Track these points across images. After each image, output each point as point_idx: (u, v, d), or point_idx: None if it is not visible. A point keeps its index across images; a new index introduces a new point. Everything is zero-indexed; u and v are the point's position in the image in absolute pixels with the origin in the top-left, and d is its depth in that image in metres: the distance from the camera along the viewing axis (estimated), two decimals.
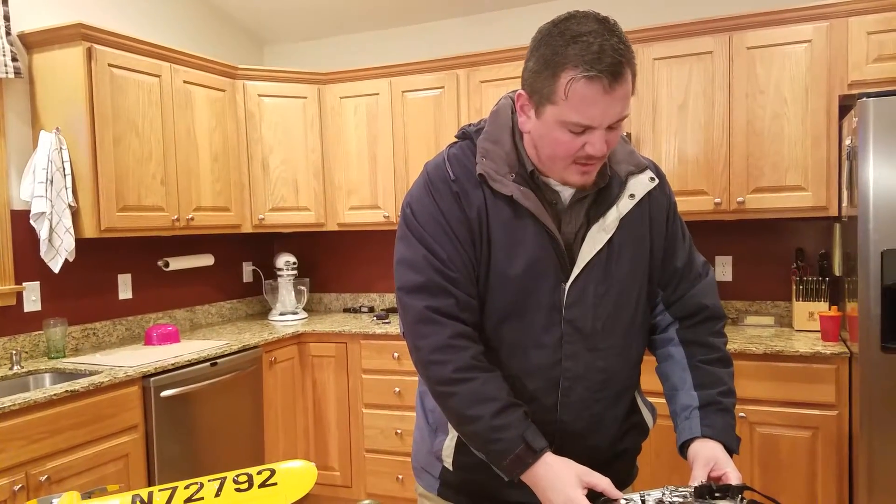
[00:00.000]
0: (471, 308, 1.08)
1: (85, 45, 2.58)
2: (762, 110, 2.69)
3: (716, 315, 1.19)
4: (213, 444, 2.73)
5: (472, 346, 1.06)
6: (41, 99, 2.68)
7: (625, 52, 0.96)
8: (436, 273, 1.07)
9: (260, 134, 3.37)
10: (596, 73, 0.94)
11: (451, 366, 1.04)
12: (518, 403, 1.04)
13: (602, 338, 1.10)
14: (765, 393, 2.46)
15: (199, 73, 3.09)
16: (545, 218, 1.07)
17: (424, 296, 1.07)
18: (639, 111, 2.87)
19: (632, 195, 1.11)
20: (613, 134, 1.02)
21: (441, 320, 1.06)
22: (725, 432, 1.09)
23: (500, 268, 1.08)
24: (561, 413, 1.10)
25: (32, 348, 2.67)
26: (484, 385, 1.03)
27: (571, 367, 1.09)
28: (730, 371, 1.16)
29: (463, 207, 1.08)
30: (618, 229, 1.10)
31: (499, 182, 1.07)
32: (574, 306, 1.08)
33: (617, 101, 0.97)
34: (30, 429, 2.03)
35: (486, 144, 1.10)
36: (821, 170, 2.62)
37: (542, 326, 1.08)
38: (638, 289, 1.14)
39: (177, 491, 0.86)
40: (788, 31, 2.63)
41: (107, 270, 3.01)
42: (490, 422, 1.01)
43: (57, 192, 2.54)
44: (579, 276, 1.08)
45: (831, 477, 2.39)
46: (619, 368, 1.13)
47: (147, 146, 2.82)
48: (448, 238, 1.08)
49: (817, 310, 2.70)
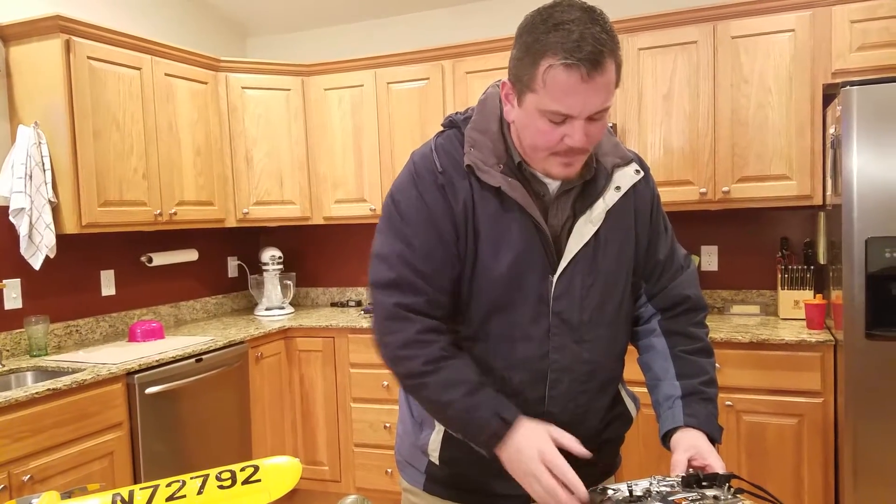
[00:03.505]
0: (441, 305, 1.08)
1: (63, 38, 2.53)
2: (746, 100, 2.69)
3: (697, 306, 1.20)
4: (200, 440, 2.70)
5: (440, 339, 1.07)
6: (19, 92, 2.63)
7: (607, 42, 0.94)
8: (408, 269, 1.06)
9: (243, 127, 3.33)
10: (574, 62, 0.92)
11: (420, 359, 1.05)
12: (487, 383, 1.06)
13: (588, 329, 1.10)
14: (751, 381, 2.47)
15: (180, 65, 3.04)
16: (533, 210, 1.06)
17: (395, 292, 1.07)
18: (624, 101, 2.87)
19: (618, 187, 1.11)
20: (595, 126, 1.00)
21: (410, 317, 1.06)
22: (708, 421, 1.09)
23: (487, 260, 1.07)
24: (548, 405, 1.10)
25: (14, 346, 2.62)
26: (452, 371, 1.05)
27: (558, 359, 1.09)
28: (711, 361, 1.18)
29: (448, 200, 1.07)
30: (604, 221, 1.10)
31: (486, 173, 1.06)
32: (561, 298, 1.08)
33: (596, 91, 0.95)
34: (12, 428, 2.00)
35: (474, 134, 1.09)
36: (805, 159, 2.63)
37: (529, 319, 1.07)
38: (623, 281, 1.14)
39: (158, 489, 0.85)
40: (772, 20, 2.64)
41: (89, 266, 2.97)
42: (463, 403, 1.03)
43: (36, 187, 2.49)
44: (567, 269, 1.08)
45: (817, 464, 2.42)
46: (604, 360, 1.14)
47: (128, 140, 2.78)
48: (429, 232, 1.07)
49: (802, 298, 2.72)
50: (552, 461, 0.96)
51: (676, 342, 1.16)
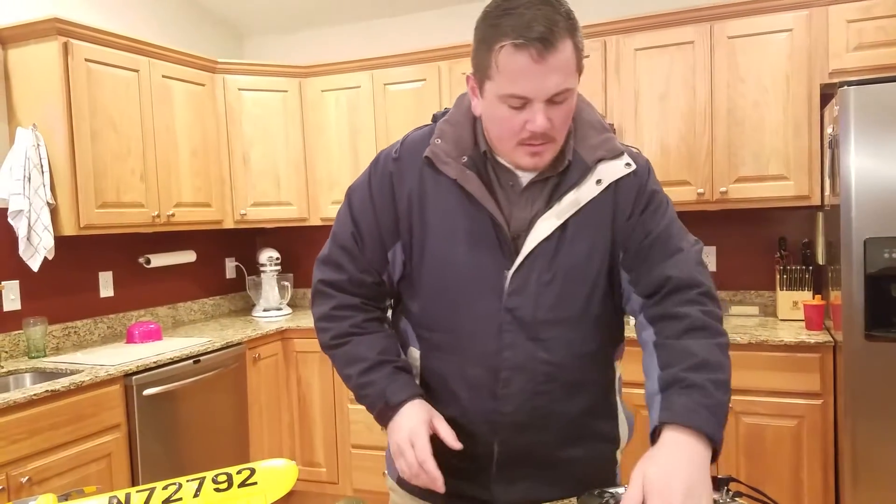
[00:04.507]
0: (365, 284, 1.13)
1: (61, 40, 2.53)
2: (743, 100, 2.70)
3: (684, 284, 1.01)
4: (197, 442, 2.70)
5: (354, 316, 1.11)
6: (17, 95, 2.62)
7: (560, 22, 0.92)
8: (337, 248, 1.14)
9: (240, 128, 3.33)
10: (523, 42, 0.91)
11: (330, 333, 1.12)
12: (388, 361, 1.08)
13: (545, 328, 1.04)
14: (750, 383, 2.47)
15: (177, 67, 3.04)
16: (488, 202, 1.04)
17: (323, 268, 1.15)
18: (621, 101, 2.87)
19: (599, 181, 1.06)
20: (558, 110, 0.97)
21: (329, 292, 1.13)
22: (688, 413, 0.88)
23: (439, 252, 1.07)
24: (501, 403, 1.06)
25: (12, 348, 2.62)
26: (355, 347, 1.09)
27: (511, 356, 1.04)
28: (707, 342, 0.97)
29: (393, 188, 1.09)
30: (575, 216, 1.04)
31: (446, 164, 1.06)
32: (515, 294, 1.04)
33: (550, 72, 0.93)
34: (10, 429, 1.99)
35: (445, 126, 1.09)
36: (803, 159, 2.63)
37: (482, 314, 1.05)
38: (591, 280, 1.05)
39: (155, 492, 0.85)
40: (769, 19, 2.64)
41: (87, 268, 2.96)
42: (357, 380, 1.08)
43: (35, 189, 2.49)
44: (523, 263, 1.04)
45: (817, 465, 2.42)
46: (566, 362, 1.06)
47: (125, 142, 2.77)
48: (365, 214, 1.11)
49: (801, 299, 2.72)
50: (417, 442, 0.98)
51: (662, 328, 1.00)
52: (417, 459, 0.98)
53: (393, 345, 1.12)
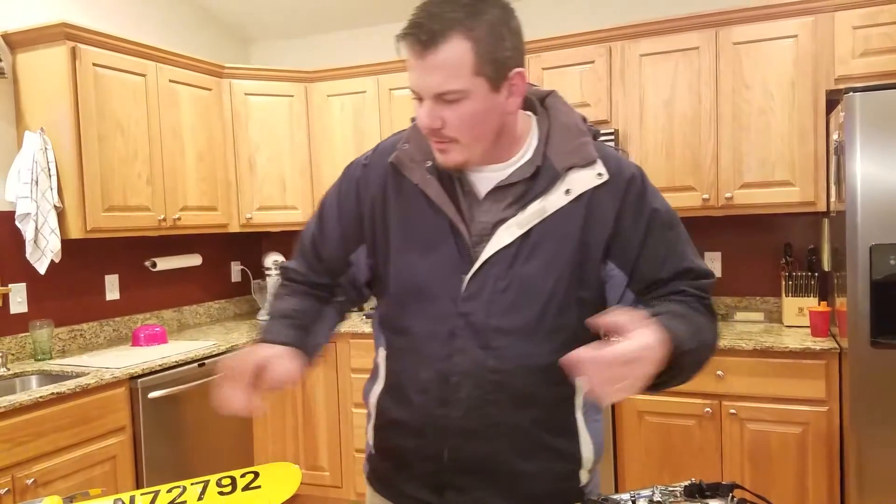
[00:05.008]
0: (315, 282, 1.17)
1: (69, 45, 2.55)
2: (748, 105, 2.69)
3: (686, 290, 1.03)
4: (202, 445, 2.71)
5: (292, 285, 1.18)
6: (25, 99, 2.64)
7: (454, 21, 0.90)
8: (300, 251, 1.20)
9: (246, 133, 3.35)
10: (405, 38, 0.93)
11: (273, 303, 1.18)
12: (291, 316, 1.12)
13: (496, 336, 1.02)
14: (755, 389, 2.46)
15: (184, 71, 3.06)
16: (448, 207, 1.04)
17: (293, 256, 1.21)
18: (625, 107, 2.87)
19: (568, 191, 1.02)
20: (451, 110, 0.95)
21: (285, 279, 1.21)
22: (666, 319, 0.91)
23: (400, 255, 1.08)
24: (451, 409, 1.04)
25: (19, 350, 2.63)
26: (280, 303, 1.16)
27: (460, 362, 1.03)
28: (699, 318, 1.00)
29: (359, 193, 1.12)
30: (539, 225, 1.01)
31: (410, 169, 1.07)
32: (470, 300, 1.03)
33: (430, 70, 0.92)
34: (16, 431, 2.01)
35: (413, 130, 1.09)
36: (808, 165, 2.63)
37: (437, 317, 1.05)
38: (550, 290, 1.02)
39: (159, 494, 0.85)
40: (774, 26, 2.64)
41: (93, 271, 2.98)
42: (262, 330, 1.13)
43: (42, 192, 2.51)
44: (480, 270, 1.02)
45: (822, 473, 2.40)
46: (515, 373, 1.02)
47: (132, 146, 2.79)
48: (332, 219, 1.15)
49: (807, 305, 2.71)
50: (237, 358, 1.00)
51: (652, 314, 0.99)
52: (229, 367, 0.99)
53: (312, 308, 1.15)
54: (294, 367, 1.03)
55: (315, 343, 1.14)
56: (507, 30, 0.97)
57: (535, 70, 3.00)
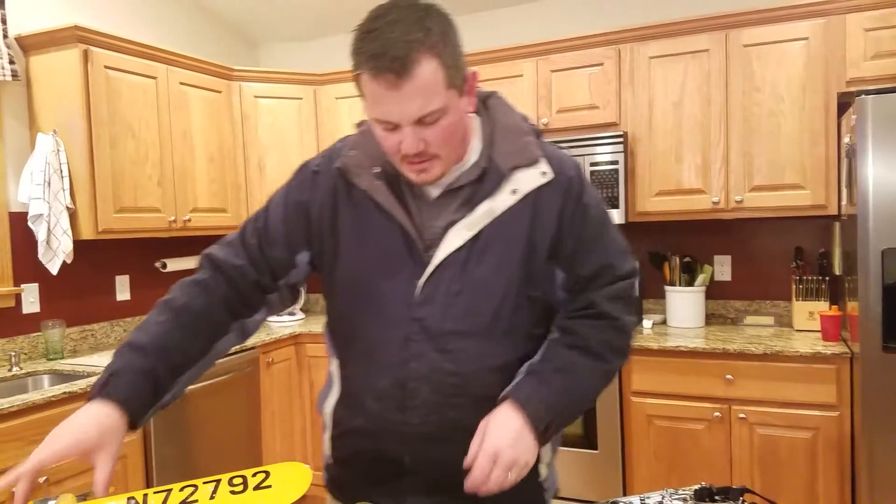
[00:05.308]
0: (247, 278, 1.10)
1: (81, 48, 2.57)
2: (759, 108, 2.68)
3: (604, 314, 1.07)
4: (211, 445, 2.72)
5: (197, 299, 1.07)
6: (38, 101, 2.67)
7: (418, 43, 0.89)
8: (240, 236, 1.14)
9: (255, 135, 3.36)
10: (375, 69, 0.90)
11: (168, 296, 1.09)
12: (154, 356, 1.01)
13: (452, 339, 1.02)
14: (764, 393, 2.45)
15: (194, 74, 3.08)
16: (398, 213, 1.04)
17: (218, 245, 1.14)
18: (634, 109, 2.86)
19: (514, 190, 1.03)
20: (431, 130, 0.95)
21: (205, 266, 1.12)
22: (524, 398, 0.98)
23: (350, 262, 1.07)
24: (409, 414, 1.04)
25: (31, 350, 2.66)
26: (155, 323, 1.05)
27: (417, 367, 1.03)
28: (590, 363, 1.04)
29: (307, 195, 1.10)
30: (488, 226, 1.02)
31: (358, 175, 1.06)
32: (424, 305, 1.02)
33: (409, 97, 0.91)
34: (28, 430, 2.02)
35: (358, 137, 1.10)
36: (819, 168, 2.61)
37: (390, 324, 1.04)
38: (503, 290, 1.03)
39: (171, 493, 0.86)
40: (785, 28, 2.63)
41: (104, 272, 3.00)
42: (122, 346, 1.03)
43: (54, 193, 2.53)
44: (433, 274, 1.02)
45: (833, 479, 2.38)
46: (473, 375, 1.03)
47: (143, 148, 2.81)
48: (278, 219, 1.12)
49: (817, 309, 2.69)
50: (37, 456, 0.90)
51: (563, 336, 1.07)
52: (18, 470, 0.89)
53: (184, 352, 1.05)
54: (103, 477, 0.92)
55: (164, 402, 1.05)
56: (454, 33, 0.97)
57: (543, 72, 3.00)
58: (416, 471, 1.05)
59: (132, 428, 0.98)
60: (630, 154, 2.87)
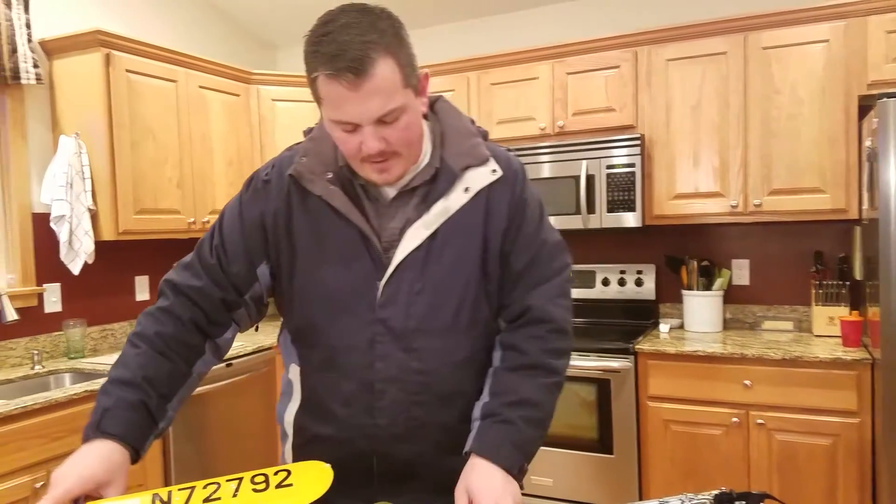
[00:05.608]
0: (211, 298, 1.10)
1: (103, 52, 2.62)
2: (778, 111, 2.66)
3: (540, 318, 1.08)
4: (229, 444, 2.74)
5: (166, 327, 1.07)
6: (61, 104, 2.72)
7: (374, 44, 0.91)
8: (198, 257, 1.12)
9: (273, 138, 3.39)
10: (333, 71, 0.91)
11: (137, 329, 1.08)
12: (142, 389, 1.00)
13: (416, 338, 1.04)
14: (783, 399, 2.42)
15: (213, 78, 3.12)
16: (355, 216, 1.04)
17: (175, 270, 1.13)
18: (652, 112, 2.85)
19: (467, 189, 1.06)
20: (392, 129, 0.96)
21: (167, 293, 1.11)
22: (493, 448, 0.99)
23: (309, 269, 1.07)
24: (377, 416, 1.05)
25: (53, 348, 2.70)
26: (136, 356, 1.04)
27: (383, 368, 1.04)
28: (536, 381, 1.05)
29: (260, 206, 1.10)
30: (444, 224, 1.05)
31: (311, 181, 1.07)
32: (387, 305, 1.03)
33: (368, 97, 0.92)
34: (51, 427, 2.06)
35: (309, 144, 1.10)
36: (839, 171, 2.58)
37: (354, 327, 1.05)
38: (462, 287, 1.06)
39: (195, 491, 0.87)
40: (804, 30, 2.61)
41: (124, 272, 3.04)
42: (106, 383, 1.02)
43: (76, 195, 2.57)
44: (394, 275, 1.04)
45: (853, 486, 2.35)
46: (438, 371, 1.05)
47: (163, 150, 2.85)
48: (235, 233, 1.11)
49: (837, 314, 2.66)
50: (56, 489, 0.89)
51: (505, 357, 1.08)
52: None
53: (167, 378, 1.05)
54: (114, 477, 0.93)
55: (160, 430, 1.04)
56: (405, 35, 0.98)
57: (559, 74, 3.00)
58: (385, 472, 1.06)
59: (133, 461, 0.99)
60: (647, 157, 2.86)
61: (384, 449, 1.05)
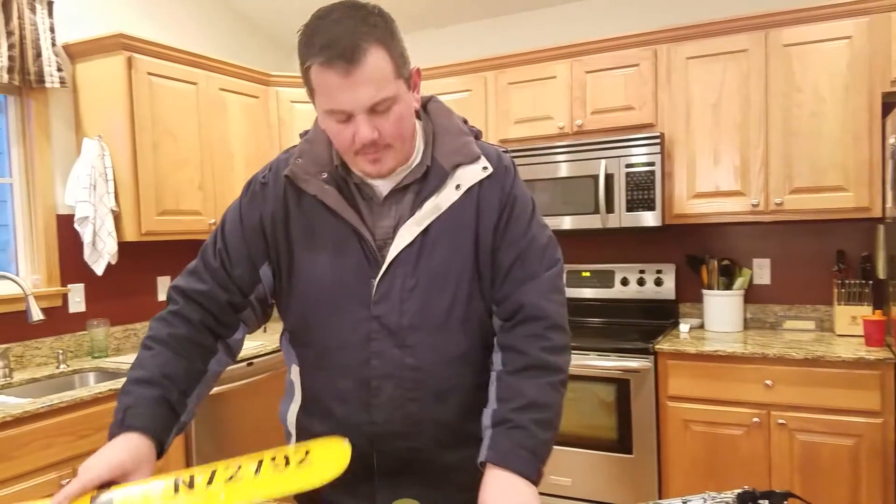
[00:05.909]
0: (218, 301, 1.11)
1: (125, 55, 2.66)
2: (799, 109, 2.63)
3: (535, 315, 1.06)
4: (250, 441, 2.77)
5: (179, 329, 1.08)
6: (84, 107, 2.76)
7: (366, 34, 0.93)
8: (202, 262, 1.13)
9: (291, 140, 3.42)
10: (326, 60, 0.93)
11: (150, 333, 1.10)
12: (161, 385, 1.02)
13: (410, 334, 1.05)
14: (805, 399, 2.40)
15: (233, 80, 3.15)
16: (349, 215, 1.06)
17: (182, 276, 1.15)
18: (672, 110, 2.83)
19: (458, 186, 1.08)
20: (384, 119, 0.97)
21: (176, 299, 1.12)
22: (508, 456, 0.98)
23: (305, 268, 1.08)
24: (374, 414, 1.06)
25: (77, 348, 2.75)
26: (144, 356, 1.06)
27: (379, 365, 1.05)
28: (541, 381, 1.04)
29: (259, 208, 1.11)
30: (436, 221, 1.06)
31: (306, 181, 1.08)
32: (381, 302, 1.05)
33: (360, 85, 0.94)
34: (77, 425, 2.10)
35: (304, 145, 1.12)
36: (862, 169, 2.55)
37: (349, 324, 1.06)
38: (455, 282, 1.06)
39: (217, 471, 0.89)
40: (827, 27, 2.57)
41: (146, 273, 3.09)
42: (125, 384, 1.04)
43: (100, 196, 2.61)
44: (388, 271, 1.05)
45: (876, 486, 2.32)
46: (433, 367, 1.06)
47: (184, 152, 2.89)
48: (236, 236, 1.12)
49: (860, 314, 2.62)
50: (80, 478, 0.90)
51: (506, 360, 1.07)
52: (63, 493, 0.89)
53: (184, 375, 1.06)
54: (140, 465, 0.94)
55: (182, 424, 1.05)
56: (397, 29, 1.00)
57: (577, 73, 2.99)
58: (384, 469, 1.07)
59: (158, 454, 1.00)
60: (666, 156, 2.84)
61: (382, 446, 1.07)
